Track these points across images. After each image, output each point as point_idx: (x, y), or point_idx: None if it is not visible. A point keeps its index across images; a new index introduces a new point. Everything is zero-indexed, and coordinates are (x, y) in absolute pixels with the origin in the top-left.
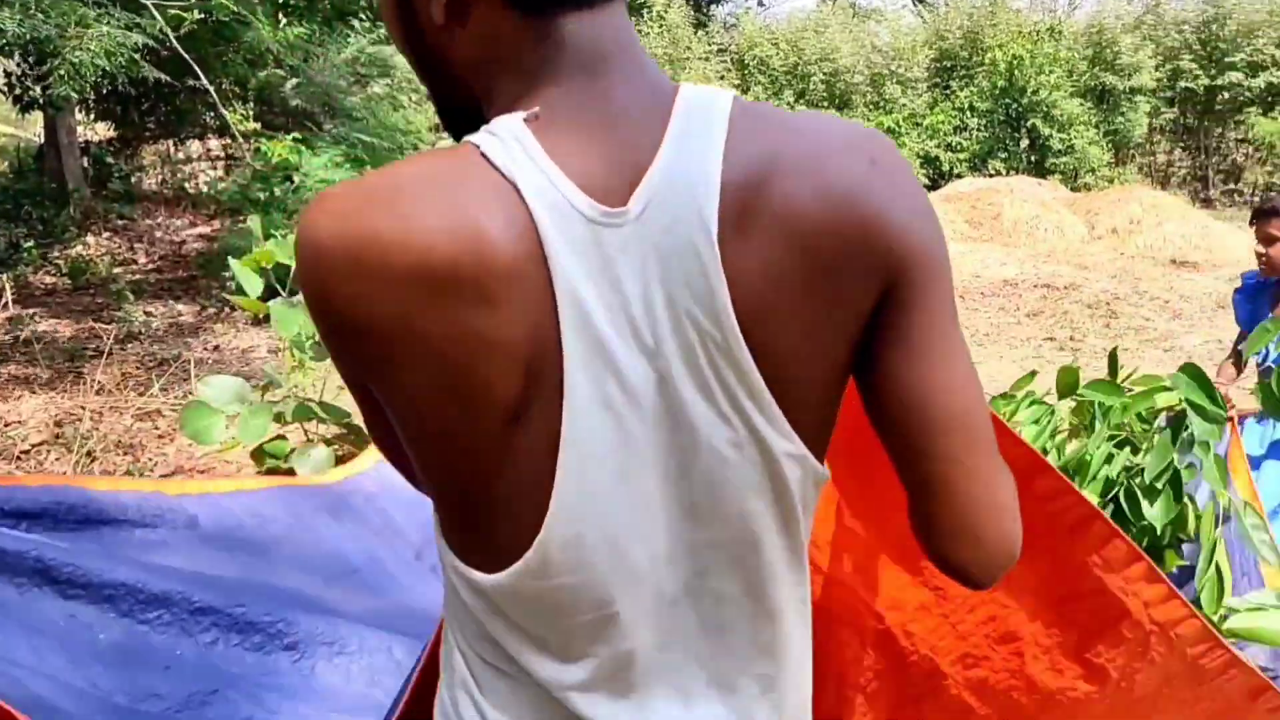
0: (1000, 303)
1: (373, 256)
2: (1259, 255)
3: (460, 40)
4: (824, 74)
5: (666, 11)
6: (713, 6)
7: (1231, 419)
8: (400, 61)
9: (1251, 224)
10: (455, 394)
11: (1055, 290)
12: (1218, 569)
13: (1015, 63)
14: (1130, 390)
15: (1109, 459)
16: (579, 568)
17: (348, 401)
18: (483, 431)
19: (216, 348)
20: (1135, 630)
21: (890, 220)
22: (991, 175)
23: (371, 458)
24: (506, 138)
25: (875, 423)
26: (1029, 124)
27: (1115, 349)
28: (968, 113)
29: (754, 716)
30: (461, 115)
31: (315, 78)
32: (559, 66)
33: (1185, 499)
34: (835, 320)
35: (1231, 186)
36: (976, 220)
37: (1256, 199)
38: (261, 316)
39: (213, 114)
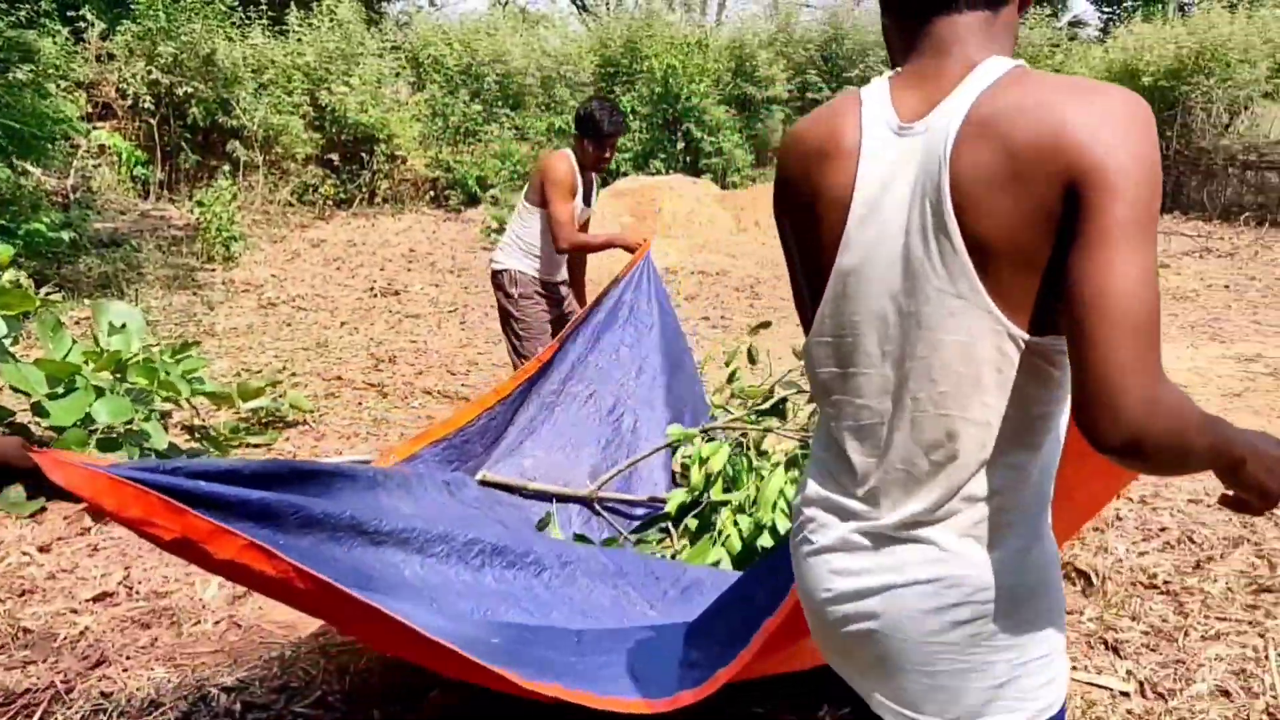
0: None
1: (794, 140)
2: None
3: (887, 35)
4: (497, 74)
5: (337, 7)
6: (384, 4)
7: None
8: (45, 46)
9: None
10: (811, 219)
11: (709, 276)
12: None
13: (670, 71)
14: None
15: None
16: (835, 336)
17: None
18: (817, 250)
19: None
20: None
21: (1079, 136)
22: (653, 174)
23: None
24: (875, 85)
25: (1061, 315)
26: (684, 128)
27: (765, 321)
28: (630, 116)
29: (923, 484)
30: None
31: None
32: (920, 48)
33: None
34: (1024, 211)
35: None
36: (640, 214)
37: None
38: None
39: None
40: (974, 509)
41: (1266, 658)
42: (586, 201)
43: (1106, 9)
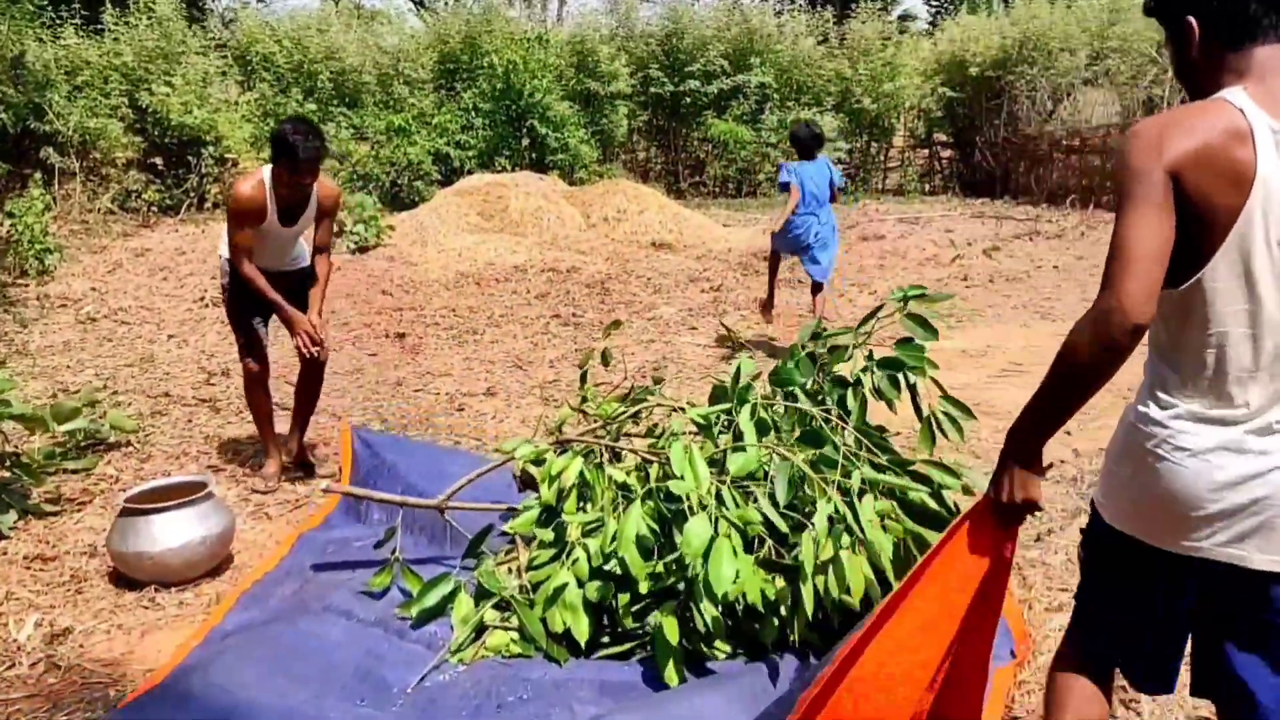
0: (512, 286)
1: (1181, 127)
2: None
3: (1200, 60)
4: (331, 72)
5: (155, 4)
6: (207, 1)
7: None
8: None
9: None
10: (1218, 183)
11: (559, 273)
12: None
13: (511, 67)
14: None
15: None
16: (1237, 278)
17: None
18: (1215, 207)
19: None
20: None
21: None
22: (499, 170)
23: None
24: (1238, 94)
25: None
26: (528, 124)
27: (616, 321)
28: (472, 112)
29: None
30: (1196, 89)
31: None
32: (1249, 68)
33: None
34: None
35: (697, 179)
36: (488, 213)
37: (717, 189)
38: None
39: None
40: None
41: None
42: (291, 221)
43: (934, 3)
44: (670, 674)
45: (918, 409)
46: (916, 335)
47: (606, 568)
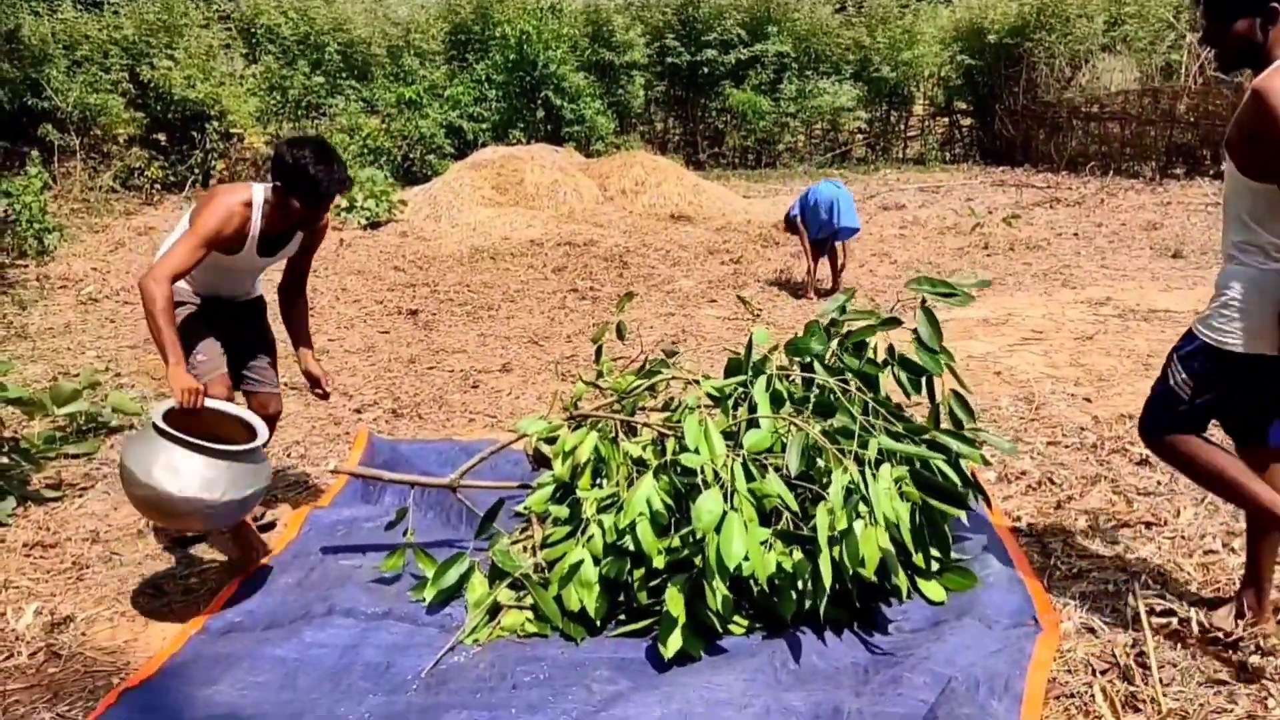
0: (528, 261)
1: None
2: None
3: (1263, 40)
4: (339, 44)
5: None
6: None
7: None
8: None
9: None
10: None
11: (576, 247)
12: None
13: (524, 38)
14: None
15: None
16: None
17: None
18: None
19: None
20: None
21: None
22: (513, 143)
23: None
24: None
25: None
26: (543, 95)
27: (630, 293)
28: (485, 84)
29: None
30: (1233, 61)
31: None
32: None
33: None
34: None
35: (716, 150)
36: (503, 186)
37: (736, 160)
38: None
39: None
40: None
41: (1128, 593)
42: (270, 252)
43: None
44: (674, 641)
45: (931, 395)
46: (925, 336)
47: (621, 544)
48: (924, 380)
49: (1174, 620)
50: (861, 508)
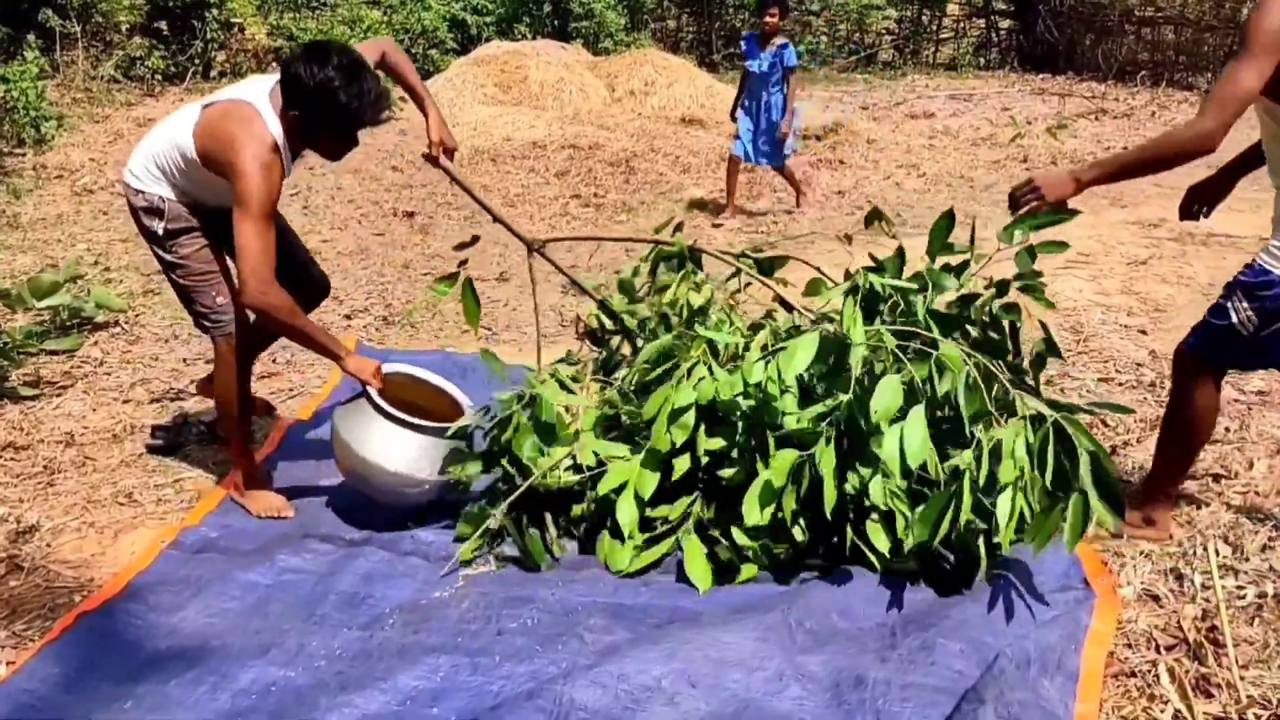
0: (530, 164)
1: None
2: None
3: None
4: None
5: None
6: None
7: None
8: None
9: None
10: None
11: (580, 150)
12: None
13: None
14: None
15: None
16: None
17: None
18: None
19: None
20: None
21: None
22: (518, 39)
23: None
24: None
25: None
26: None
27: (701, 199)
28: None
29: None
30: None
31: None
32: None
33: None
34: None
35: (732, 50)
36: (506, 84)
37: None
38: None
39: None
40: None
41: (1196, 555)
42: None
43: None
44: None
45: (1017, 345)
46: (1028, 276)
47: (735, 396)
48: (1007, 325)
49: (1249, 590)
50: (1009, 462)
